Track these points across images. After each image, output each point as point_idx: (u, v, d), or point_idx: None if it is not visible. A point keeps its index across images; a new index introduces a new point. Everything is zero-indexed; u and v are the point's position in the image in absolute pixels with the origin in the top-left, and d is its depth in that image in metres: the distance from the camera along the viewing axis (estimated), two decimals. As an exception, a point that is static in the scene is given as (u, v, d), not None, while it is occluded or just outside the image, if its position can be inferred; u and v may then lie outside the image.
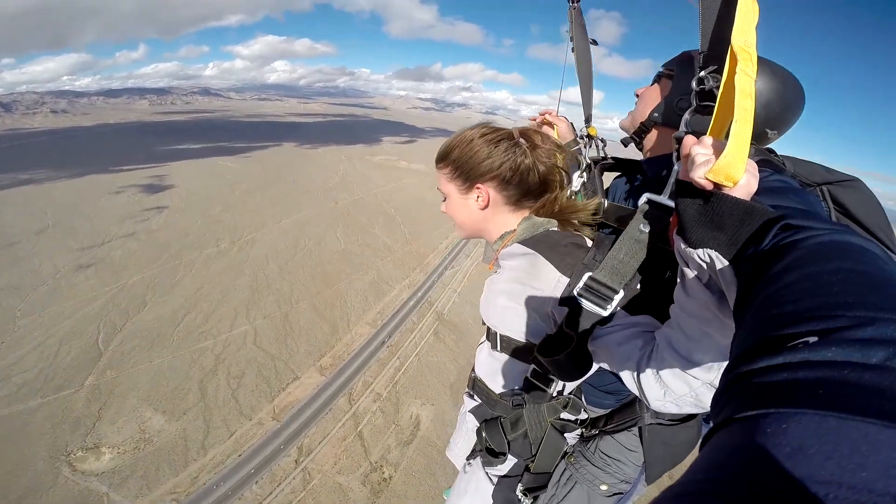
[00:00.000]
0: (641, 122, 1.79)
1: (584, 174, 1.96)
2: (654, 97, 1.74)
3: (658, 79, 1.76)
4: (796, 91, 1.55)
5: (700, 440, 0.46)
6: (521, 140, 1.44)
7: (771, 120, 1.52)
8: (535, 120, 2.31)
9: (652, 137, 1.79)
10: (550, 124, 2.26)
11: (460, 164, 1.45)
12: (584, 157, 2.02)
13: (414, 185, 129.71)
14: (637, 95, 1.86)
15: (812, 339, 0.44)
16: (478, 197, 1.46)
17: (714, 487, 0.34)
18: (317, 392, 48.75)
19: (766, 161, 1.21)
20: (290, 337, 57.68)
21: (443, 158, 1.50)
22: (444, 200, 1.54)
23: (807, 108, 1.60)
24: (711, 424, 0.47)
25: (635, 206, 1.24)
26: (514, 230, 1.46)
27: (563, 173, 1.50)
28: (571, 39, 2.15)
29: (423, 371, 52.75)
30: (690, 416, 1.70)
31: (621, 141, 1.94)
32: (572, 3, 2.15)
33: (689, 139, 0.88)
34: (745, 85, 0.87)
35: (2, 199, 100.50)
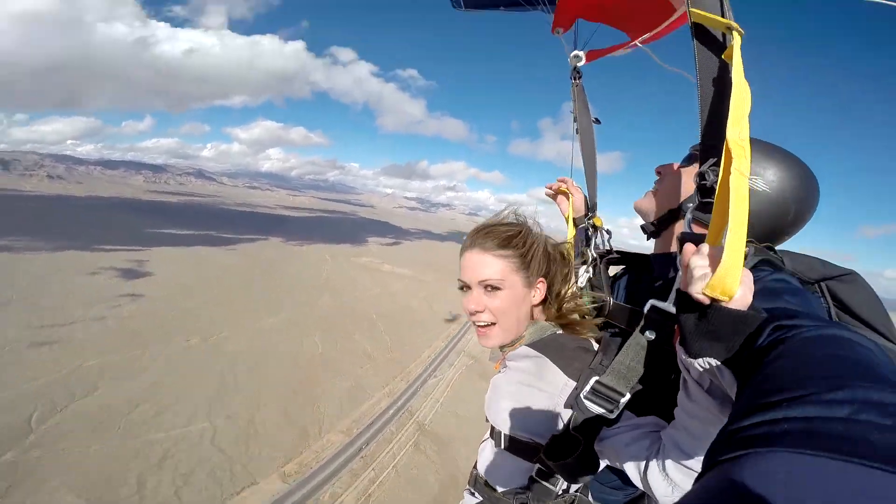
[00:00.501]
0: (669, 209, 1.62)
1: (591, 269, 1.88)
2: (687, 182, 1.55)
3: (691, 160, 1.59)
4: (812, 191, 1.48)
5: (697, 476, 0.54)
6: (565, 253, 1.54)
7: (788, 224, 1.49)
8: (551, 188, 2.28)
9: (676, 229, 1.62)
10: (566, 194, 2.22)
11: (533, 255, 1.43)
12: (591, 252, 1.91)
13: (398, 292, 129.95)
14: (659, 174, 1.71)
15: (787, 403, 0.52)
16: (535, 292, 1.45)
17: None
18: (276, 500, 44.13)
19: (765, 260, 1.23)
20: (254, 440, 53.37)
21: (510, 243, 1.42)
22: (490, 292, 1.41)
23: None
24: (704, 466, 0.55)
25: (639, 305, 1.29)
26: (523, 335, 1.47)
27: (573, 272, 1.58)
28: (575, 120, 2.11)
29: (400, 484, 48.42)
30: None
31: (644, 230, 1.75)
32: (574, 80, 2.16)
33: (689, 248, 0.92)
34: (740, 187, 0.90)
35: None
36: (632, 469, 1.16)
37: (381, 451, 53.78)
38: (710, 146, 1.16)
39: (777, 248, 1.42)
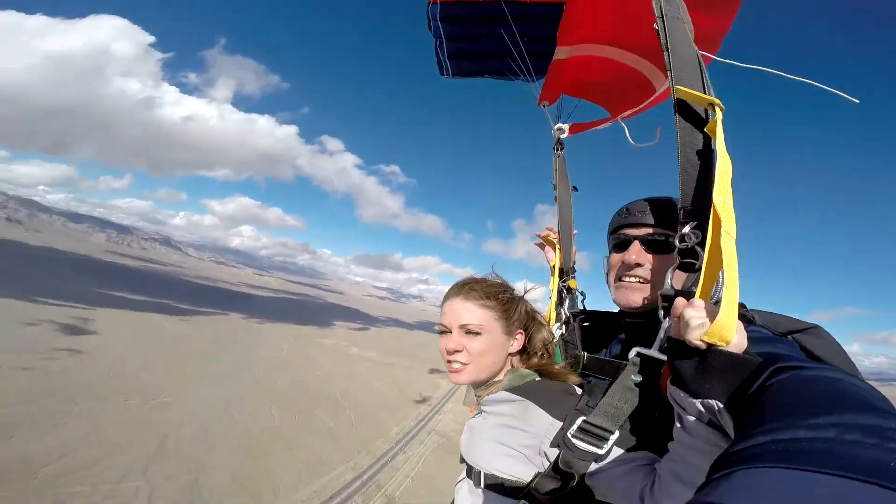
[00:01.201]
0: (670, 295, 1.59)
1: (564, 327, 2.01)
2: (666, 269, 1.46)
3: (673, 248, 1.46)
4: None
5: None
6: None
7: None
8: (540, 236, 2.42)
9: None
10: (553, 243, 2.34)
11: (512, 307, 1.57)
12: (564, 311, 2.08)
13: (364, 373, 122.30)
14: (638, 264, 1.63)
15: (778, 428, 0.56)
16: (513, 342, 1.57)
17: None
18: None
19: (740, 315, 1.21)
20: (198, 502, 46.21)
21: (493, 295, 1.55)
22: (469, 336, 1.51)
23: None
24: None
25: (615, 356, 1.49)
26: (500, 380, 1.54)
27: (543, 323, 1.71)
28: (555, 188, 2.25)
29: None
30: None
31: (622, 314, 1.79)
32: (557, 151, 2.34)
33: (680, 301, 1.00)
34: (729, 247, 0.97)
35: None
36: (627, 501, 1.16)
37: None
38: (692, 210, 1.22)
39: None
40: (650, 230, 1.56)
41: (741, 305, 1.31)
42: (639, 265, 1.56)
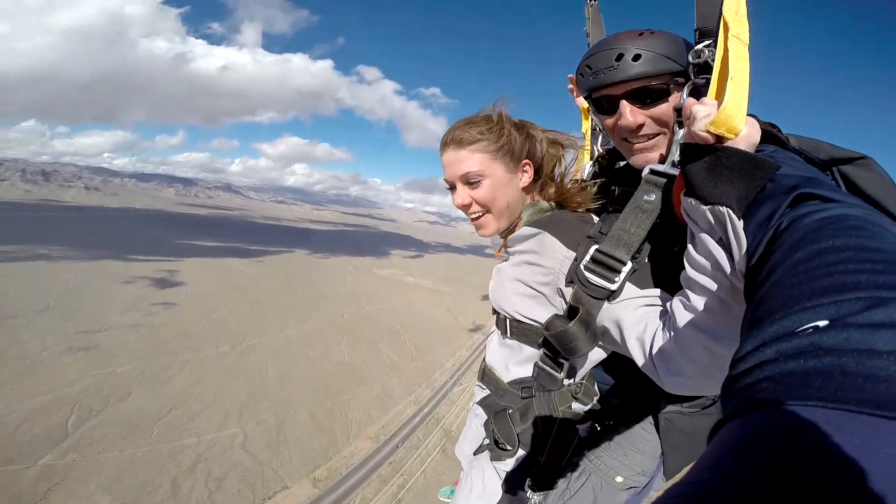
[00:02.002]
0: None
1: (596, 164, 1.88)
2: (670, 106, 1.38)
3: (669, 90, 1.33)
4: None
5: (708, 433, 0.43)
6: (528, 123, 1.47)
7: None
8: (572, 79, 2.14)
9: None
10: None
11: (507, 139, 1.37)
12: (597, 147, 1.99)
13: (420, 302, 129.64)
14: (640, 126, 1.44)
15: (822, 324, 0.41)
16: (523, 174, 1.41)
17: (718, 488, 0.32)
18: None
19: (768, 134, 1.10)
20: (284, 445, 53.51)
21: (482, 134, 1.37)
22: (473, 185, 1.37)
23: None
24: (721, 415, 0.43)
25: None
26: (521, 216, 1.43)
27: (562, 155, 1.51)
28: (588, 36, 2.09)
29: (430, 490, 47.44)
30: (710, 404, 1.62)
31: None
32: (590, 2, 2.14)
33: (690, 100, 0.94)
34: (738, 48, 0.93)
35: (13, 271, 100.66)
36: (635, 348, 1.07)
37: (410, 457, 53.38)
38: (706, 30, 1.18)
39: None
40: (633, 84, 1.27)
41: (773, 125, 1.21)
42: (640, 125, 1.33)
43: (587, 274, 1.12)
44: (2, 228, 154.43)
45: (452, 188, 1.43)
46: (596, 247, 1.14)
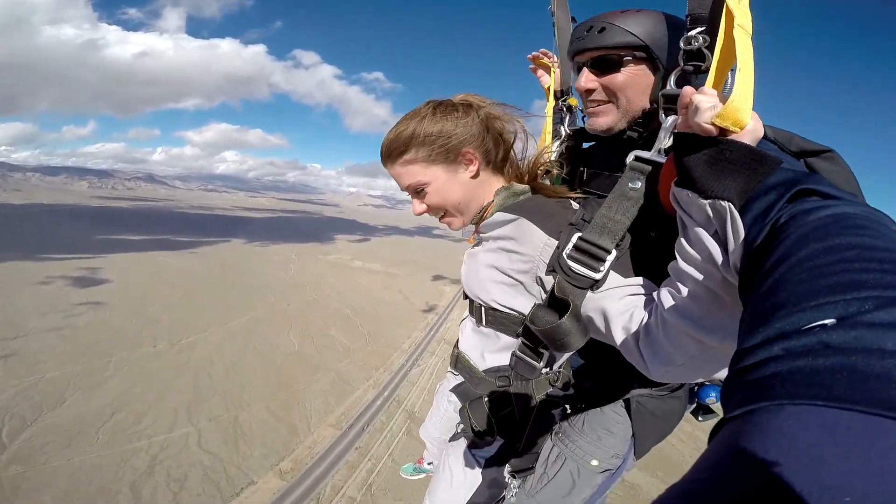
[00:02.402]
0: (644, 111, 1.47)
1: (563, 146, 1.90)
2: (639, 82, 1.44)
3: (622, 62, 1.43)
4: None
5: (709, 433, 0.41)
6: (465, 103, 1.33)
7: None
8: (532, 59, 2.27)
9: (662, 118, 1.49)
10: (547, 68, 2.21)
11: (435, 139, 1.27)
12: (564, 128, 2.00)
13: (370, 286, 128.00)
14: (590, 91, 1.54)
15: (829, 322, 0.40)
16: (468, 165, 1.31)
17: (720, 488, 0.31)
18: (278, 497, 42.89)
19: None
20: (242, 440, 51.73)
21: (407, 146, 1.28)
22: (418, 195, 1.33)
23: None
24: (723, 415, 0.42)
25: (614, 171, 1.28)
26: (492, 201, 1.35)
27: (519, 125, 1.39)
28: (553, 14, 2.19)
29: (398, 472, 47.42)
30: (678, 387, 1.69)
31: (629, 141, 1.54)
32: None
33: (689, 89, 0.88)
34: (743, 39, 0.90)
35: None
36: (622, 337, 1.05)
37: (375, 441, 53.14)
38: (698, 17, 1.15)
39: None
40: (593, 53, 1.41)
41: None
42: (589, 91, 1.46)
43: (570, 263, 1.08)
44: None
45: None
46: (579, 234, 1.09)
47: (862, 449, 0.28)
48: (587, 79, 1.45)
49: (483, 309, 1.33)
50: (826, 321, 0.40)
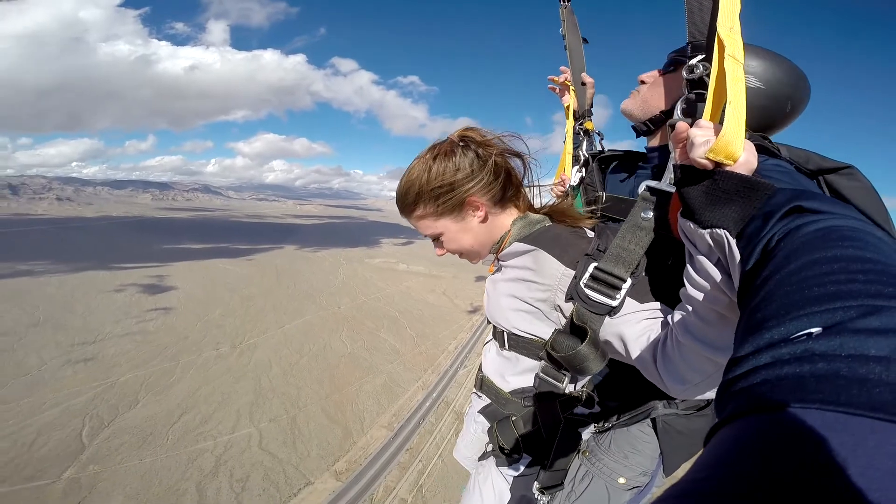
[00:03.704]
0: (661, 111, 1.66)
1: (583, 169, 1.96)
2: (673, 86, 1.63)
3: (674, 65, 1.63)
4: (803, 83, 1.50)
5: (704, 438, 0.43)
6: (464, 142, 1.35)
7: (783, 118, 1.50)
8: (554, 80, 2.31)
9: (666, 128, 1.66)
10: (568, 87, 2.25)
11: (439, 194, 1.32)
12: (582, 152, 2.03)
13: (416, 288, 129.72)
14: (643, 82, 1.75)
15: (816, 331, 0.42)
16: (475, 212, 1.36)
17: (717, 487, 0.32)
18: (333, 498, 44.19)
19: (760, 147, 1.18)
20: (300, 441, 53.70)
21: (416, 203, 1.36)
22: (436, 242, 1.44)
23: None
24: (716, 419, 0.43)
25: (634, 196, 1.31)
26: (510, 231, 1.40)
27: (521, 159, 1.43)
28: (564, 38, 2.18)
29: (448, 473, 48.11)
30: (705, 405, 1.71)
31: (635, 130, 1.77)
32: (563, 3, 2.24)
33: (683, 124, 0.92)
34: (734, 69, 0.91)
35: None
36: (640, 359, 1.11)
37: (425, 443, 53.91)
38: (698, 44, 1.17)
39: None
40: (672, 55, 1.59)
41: (765, 137, 1.30)
42: (643, 82, 1.65)
43: (588, 291, 1.14)
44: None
45: None
46: (595, 264, 1.15)
47: (847, 447, 0.30)
48: (649, 74, 1.70)
49: (505, 334, 1.38)
50: (813, 330, 0.42)
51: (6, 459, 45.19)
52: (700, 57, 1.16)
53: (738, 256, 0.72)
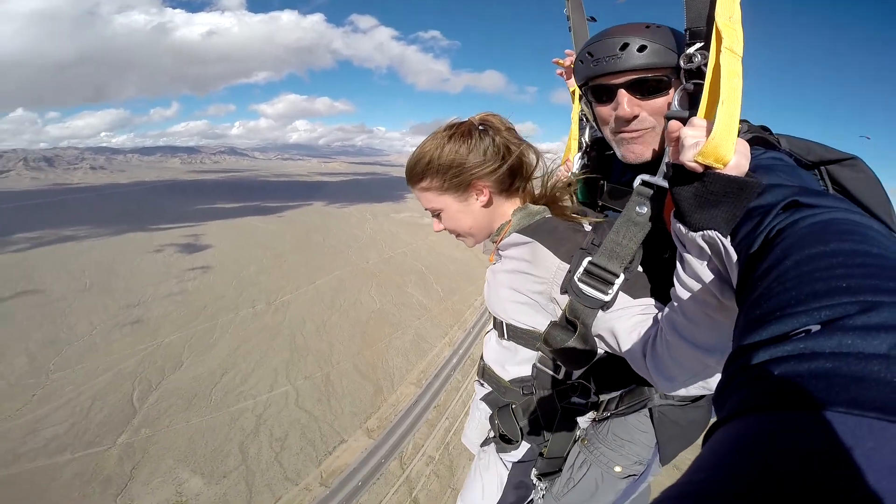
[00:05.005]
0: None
1: (585, 156, 1.89)
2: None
3: (670, 83, 1.42)
4: None
5: (703, 435, 0.45)
6: (483, 126, 1.37)
7: None
8: (560, 63, 2.19)
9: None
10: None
11: (448, 170, 1.34)
12: (584, 139, 1.93)
13: (440, 243, 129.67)
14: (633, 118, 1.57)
15: (815, 328, 0.42)
16: (478, 196, 1.38)
17: (717, 487, 0.32)
18: (366, 456, 46.05)
19: (758, 138, 1.18)
20: (334, 398, 55.80)
21: (423, 175, 1.38)
22: (437, 217, 1.45)
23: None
24: (715, 419, 0.44)
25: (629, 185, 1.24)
26: (510, 220, 1.41)
27: (535, 152, 1.44)
28: (568, 19, 2.06)
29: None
30: (700, 397, 1.72)
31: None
32: None
33: (675, 123, 0.89)
34: (731, 63, 0.87)
35: (45, 255, 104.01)
36: (631, 354, 1.13)
37: (452, 400, 55.18)
38: (697, 30, 1.11)
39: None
40: (634, 74, 1.25)
41: (764, 129, 1.25)
42: (635, 117, 1.30)
43: (581, 286, 1.14)
44: (22, 217, 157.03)
45: None
46: (589, 259, 1.15)
47: (846, 448, 0.29)
48: (630, 103, 1.29)
49: (504, 324, 1.42)
50: (811, 327, 0.42)
51: (67, 426, 48.25)
52: (698, 45, 1.10)
53: (734, 256, 0.73)
